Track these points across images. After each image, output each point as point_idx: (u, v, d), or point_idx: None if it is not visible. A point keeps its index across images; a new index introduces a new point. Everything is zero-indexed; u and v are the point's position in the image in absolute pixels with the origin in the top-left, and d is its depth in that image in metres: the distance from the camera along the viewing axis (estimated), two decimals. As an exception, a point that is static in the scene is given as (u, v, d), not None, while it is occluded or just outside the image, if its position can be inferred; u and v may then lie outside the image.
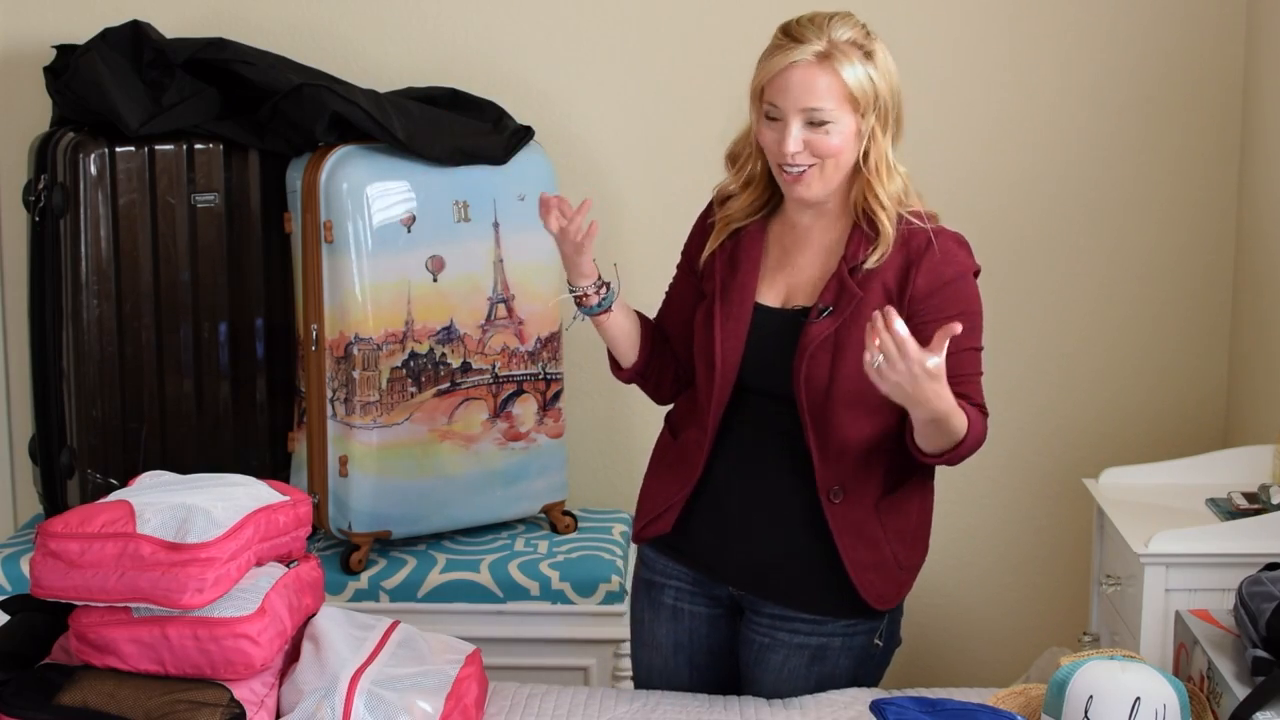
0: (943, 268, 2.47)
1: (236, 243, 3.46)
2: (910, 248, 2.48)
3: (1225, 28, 3.64)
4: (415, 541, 3.45)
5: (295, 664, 2.46)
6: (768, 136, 2.46)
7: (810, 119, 2.42)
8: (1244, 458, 3.25)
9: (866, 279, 2.48)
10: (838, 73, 2.42)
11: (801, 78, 2.42)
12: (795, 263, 2.55)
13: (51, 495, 3.44)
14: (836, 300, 2.48)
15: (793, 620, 2.60)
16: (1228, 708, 2.34)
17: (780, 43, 2.45)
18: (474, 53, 3.69)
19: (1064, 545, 3.78)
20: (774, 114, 2.44)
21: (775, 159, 2.47)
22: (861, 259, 2.48)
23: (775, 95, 2.43)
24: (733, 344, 2.54)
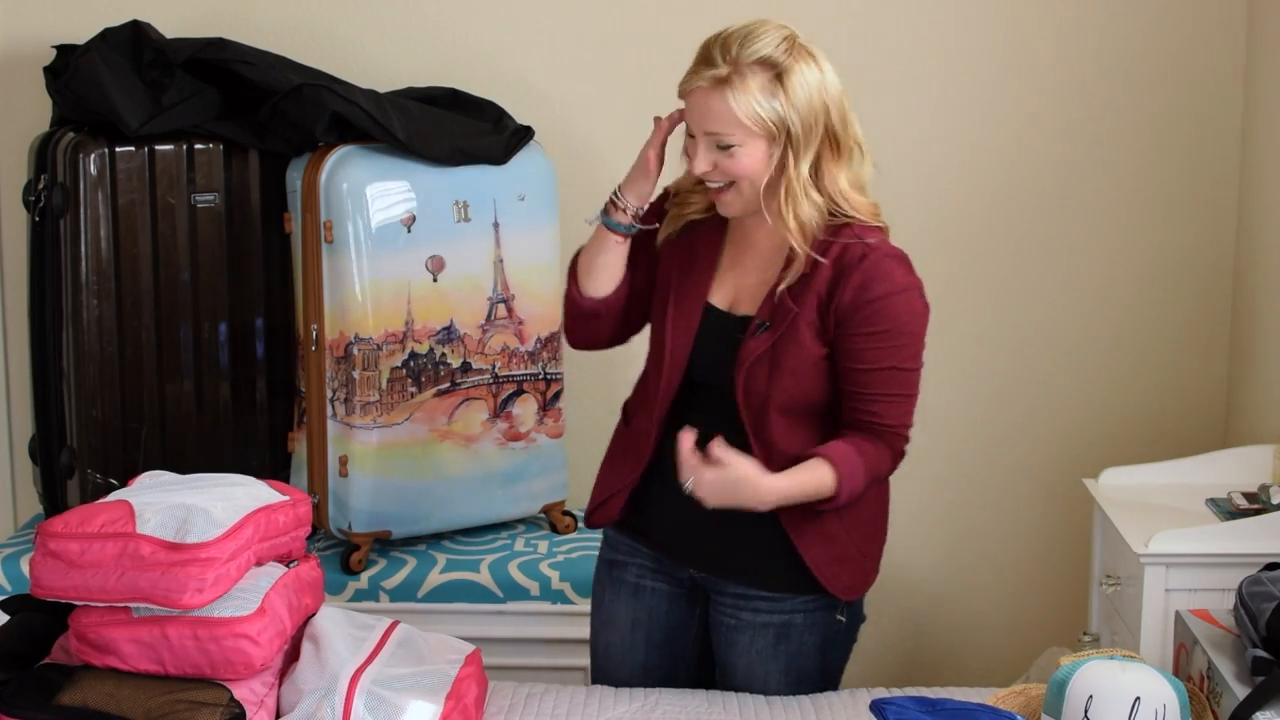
0: (871, 284, 2.45)
1: (236, 243, 3.46)
2: (843, 262, 2.47)
3: (1225, 28, 3.64)
4: (415, 541, 3.45)
5: (295, 664, 2.46)
6: (689, 156, 2.49)
7: (714, 142, 2.44)
8: (1244, 458, 3.25)
9: (801, 292, 2.48)
10: (734, 99, 2.40)
11: (700, 102, 2.43)
12: (745, 263, 2.57)
13: (51, 495, 3.44)
14: (773, 314, 2.49)
15: (754, 599, 2.63)
16: (1228, 708, 2.34)
17: (694, 66, 2.45)
18: (474, 53, 3.69)
19: (1064, 545, 3.78)
20: (692, 133, 2.48)
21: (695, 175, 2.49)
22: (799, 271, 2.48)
23: (689, 115, 2.47)
24: (682, 341, 2.57)
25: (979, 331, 3.79)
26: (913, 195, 3.73)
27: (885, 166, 3.69)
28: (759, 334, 2.49)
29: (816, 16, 3.67)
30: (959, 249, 3.76)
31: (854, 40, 3.69)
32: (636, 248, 2.64)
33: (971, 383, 3.81)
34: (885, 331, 2.45)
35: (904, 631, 3.93)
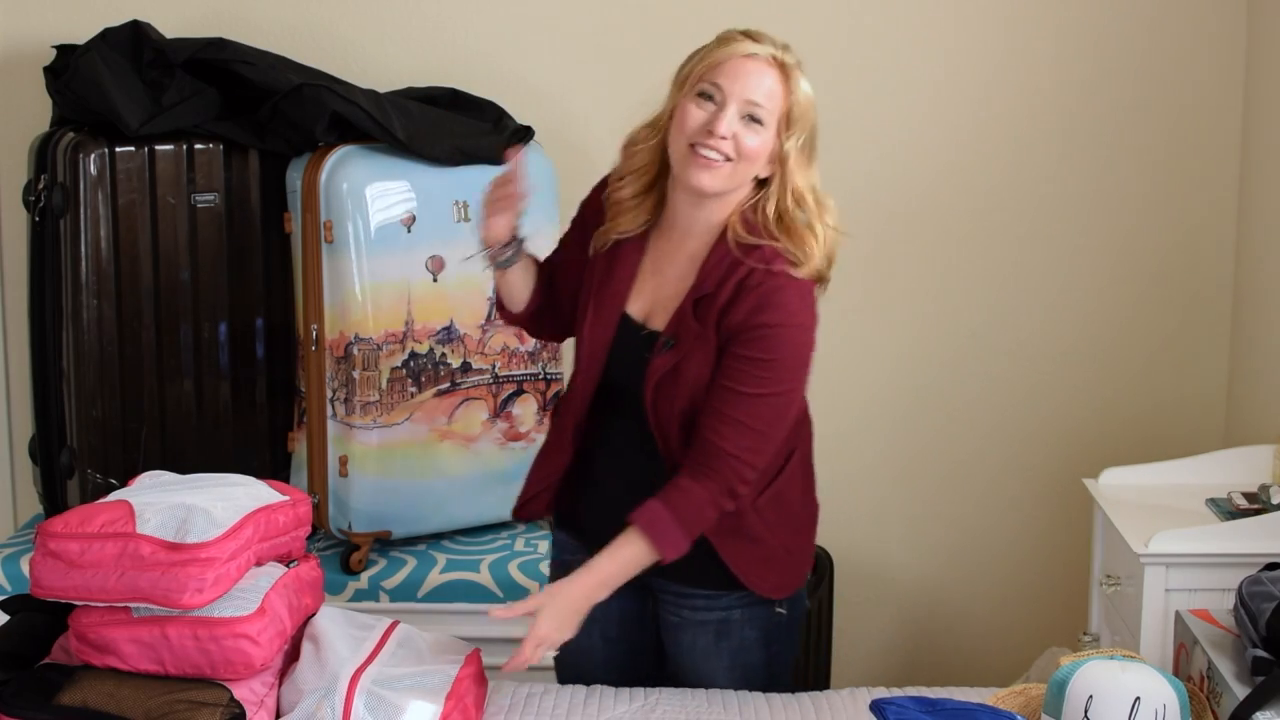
0: (762, 311, 2.43)
1: (236, 243, 3.46)
2: (745, 284, 2.44)
3: (1225, 28, 3.64)
4: (415, 541, 3.45)
5: (295, 664, 2.46)
6: (694, 115, 2.42)
7: (748, 112, 2.41)
8: (1244, 458, 3.24)
9: (706, 309, 2.46)
10: (790, 82, 2.42)
11: (756, 70, 2.41)
12: (664, 273, 2.55)
13: (51, 495, 3.44)
14: (678, 332, 2.48)
15: (692, 597, 2.64)
16: (1228, 708, 2.34)
17: (735, 36, 2.44)
18: (474, 53, 3.69)
19: (1064, 545, 3.78)
20: (712, 94, 2.41)
21: (693, 137, 2.41)
22: (708, 289, 2.45)
23: (724, 78, 2.41)
24: (599, 349, 2.56)
25: (979, 332, 3.79)
26: (912, 195, 3.74)
27: (883, 166, 3.72)
28: (664, 351, 2.49)
29: (816, 17, 3.69)
30: (958, 249, 3.76)
31: (853, 39, 3.69)
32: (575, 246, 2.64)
33: (971, 383, 3.81)
34: (764, 360, 2.43)
35: (904, 631, 3.93)
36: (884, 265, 3.76)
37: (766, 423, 2.46)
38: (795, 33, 3.65)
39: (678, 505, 2.44)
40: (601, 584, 2.47)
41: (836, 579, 3.76)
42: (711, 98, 2.42)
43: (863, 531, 3.86)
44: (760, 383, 2.43)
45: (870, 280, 3.76)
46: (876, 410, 3.83)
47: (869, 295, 3.77)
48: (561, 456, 2.65)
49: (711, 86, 2.41)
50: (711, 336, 2.45)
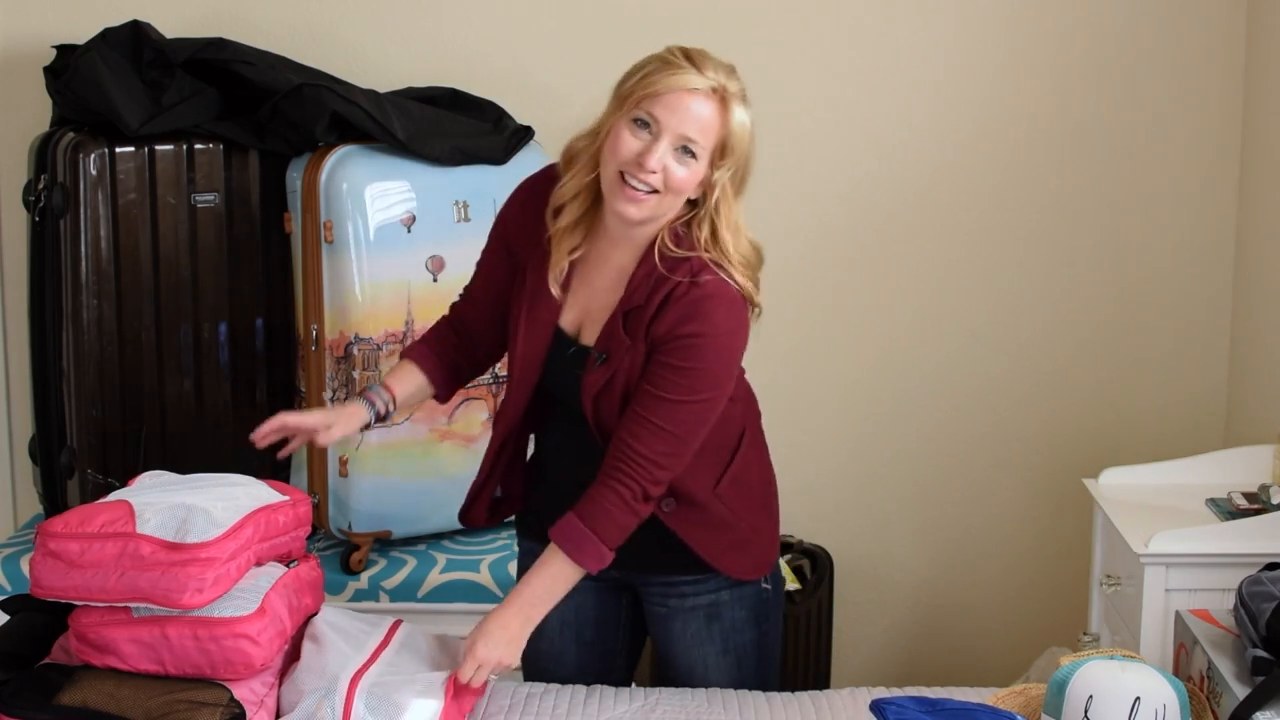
0: (688, 321, 2.42)
1: (236, 243, 3.46)
2: (672, 294, 2.43)
3: (1225, 28, 3.64)
4: (415, 541, 3.45)
5: (296, 664, 2.46)
6: (628, 143, 2.38)
7: (681, 145, 2.38)
8: (1244, 458, 3.24)
9: (635, 321, 2.45)
10: (727, 113, 2.39)
11: (695, 103, 2.37)
12: (593, 284, 2.53)
13: (51, 495, 3.44)
14: (609, 345, 2.48)
15: (678, 585, 2.65)
16: (1228, 708, 2.34)
17: (678, 62, 2.39)
18: (474, 53, 3.69)
19: (1064, 545, 3.78)
20: (648, 123, 2.38)
21: (624, 166, 2.39)
22: (637, 301, 2.45)
23: (661, 109, 2.37)
24: (532, 363, 2.56)
25: (979, 332, 3.79)
26: (911, 195, 3.73)
27: (883, 165, 3.72)
28: (598, 366, 2.49)
29: (815, 17, 3.69)
30: (958, 249, 3.76)
31: (853, 39, 3.69)
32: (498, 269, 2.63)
33: (971, 383, 3.81)
34: (686, 369, 2.42)
35: (904, 631, 3.93)
36: (883, 265, 3.76)
37: (686, 428, 2.45)
38: (795, 32, 3.68)
39: (592, 517, 2.44)
40: (532, 603, 2.48)
41: (836, 579, 3.76)
42: (647, 126, 2.39)
43: (863, 531, 3.86)
44: (681, 390, 2.42)
45: (870, 280, 3.76)
46: (876, 410, 3.83)
47: (868, 295, 3.77)
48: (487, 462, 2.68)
49: (648, 115, 2.38)
50: (641, 348, 2.45)
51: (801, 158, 3.69)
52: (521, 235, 2.58)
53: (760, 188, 2.59)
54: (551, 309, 2.53)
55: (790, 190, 3.68)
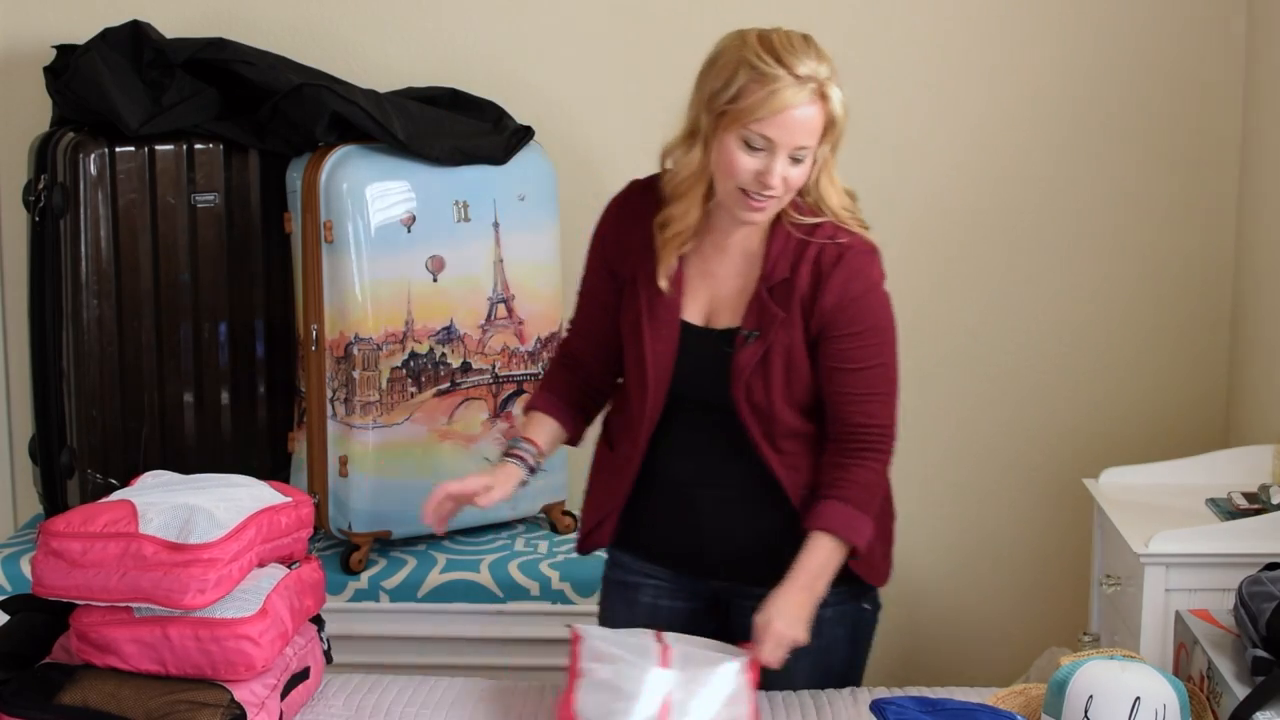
0: (850, 283, 2.47)
1: (236, 243, 3.46)
2: (822, 262, 2.47)
3: (1225, 28, 3.64)
4: (415, 541, 3.45)
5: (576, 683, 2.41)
6: (744, 163, 2.40)
7: (794, 154, 2.40)
8: (1244, 458, 3.25)
9: (784, 294, 2.48)
10: (827, 104, 2.41)
11: (803, 118, 2.38)
12: (715, 273, 2.54)
13: (51, 495, 3.44)
14: (760, 322, 2.49)
15: None
16: (1228, 708, 2.34)
17: (773, 72, 2.38)
18: (474, 53, 3.69)
19: (1064, 545, 3.78)
20: (758, 144, 2.39)
21: (745, 184, 2.41)
22: (782, 274, 2.48)
23: (770, 131, 2.38)
24: (663, 363, 2.54)
25: (978, 331, 3.79)
26: (911, 193, 3.73)
27: (883, 164, 3.72)
28: (749, 344, 2.49)
29: (813, 16, 3.69)
30: (958, 248, 3.76)
31: (851, 38, 3.68)
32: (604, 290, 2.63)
33: (971, 383, 3.81)
34: (869, 329, 2.48)
35: (904, 631, 3.92)
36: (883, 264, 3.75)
37: (888, 385, 2.52)
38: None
39: (855, 497, 2.49)
40: (815, 581, 2.48)
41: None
42: (759, 148, 2.39)
43: (862, 531, 3.86)
44: (869, 353, 2.49)
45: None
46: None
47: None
48: (624, 482, 2.64)
49: (760, 138, 2.38)
50: (798, 320, 2.47)
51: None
52: (622, 250, 2.59)
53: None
54: (672, 307, 2.53)
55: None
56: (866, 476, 2.50)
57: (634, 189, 2.63)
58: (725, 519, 2.59)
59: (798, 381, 2.50)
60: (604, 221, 2.66)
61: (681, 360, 2.54)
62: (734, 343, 2.50)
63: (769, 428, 2.52)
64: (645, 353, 2.55)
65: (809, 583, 2.47)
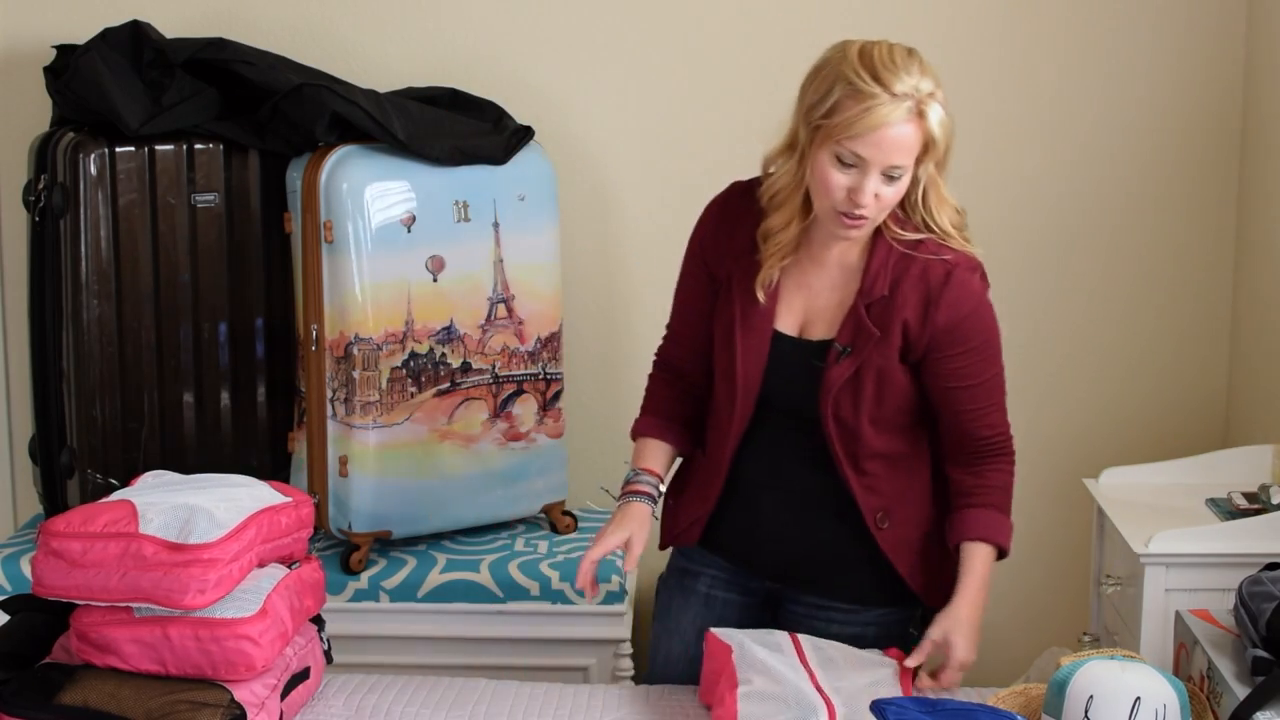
0: (960, 303, 2.47)
1: (236, 243, 3.46)
2: (929, 282, 2.46)
3: (1225, 28, 3.64)
4: (415, 541, 3.45)
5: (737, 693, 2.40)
6: (837, 181, 2.38)
7: (888, 172, 2.38)
8: (1244, 458, 3.25)
9: (883, 312, 2.47)
10: (925, 122, 2.38)
11: (897, 137, 2.36)
12: (812, 285, 2.53)
13: (51, 495, 3.44)
14: (854, 339, 2.48)
15: (830, 610, 2.62)
16: (1228, 708, 2.34)
17: (870, 90, 2.35)
18: (474, 53, 3.69)
19: (1064, 545, 3.78)
20: (850, 161, 2.37)
21: (839, 205, 2.40)
22: (880, 292, 2.47)
23: (863, 149, 2.35)
24: (754, 371, 2.53)
25: (979, 331, 3.78)
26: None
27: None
28: (841, 360, 2.48)
29: (813, 17, 3.69)
30: (959, 249, 3.75)
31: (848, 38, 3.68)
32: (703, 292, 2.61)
33: (971, 383, 3.81)
34: (981, 344, 2.50)
35: (904, 631, 3.92)
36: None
37: (1001, 393, 2.56)
38: (792, 32, 3.68)
39: (998, 502, 2.55)
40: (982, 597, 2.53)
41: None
42: (853, 165, 2.37)
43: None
44: (983, 366, 2.52)
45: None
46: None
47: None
48: (712, 489, 2.63)
49: (852, 155, 2.36)
50: (896, 340, 2.46)
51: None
52: (720, 252, 2.57)
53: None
54: (766, 316, 2.52)
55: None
56: (1003, 479, 2.55)
57: (734, 191, 2.61)
58: (786, 524, 2.59)
59: (889, 401, 2.50)
60: (703, 224, 2.63)
61: (772, 370, 2.53)
62: (825, 356, 2.49)
63: (853, 447, 2.51)
64: (736, 360, 2.53)
65: (978, 597, 2.51)
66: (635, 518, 2.60)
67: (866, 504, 2.54)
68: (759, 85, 3.69)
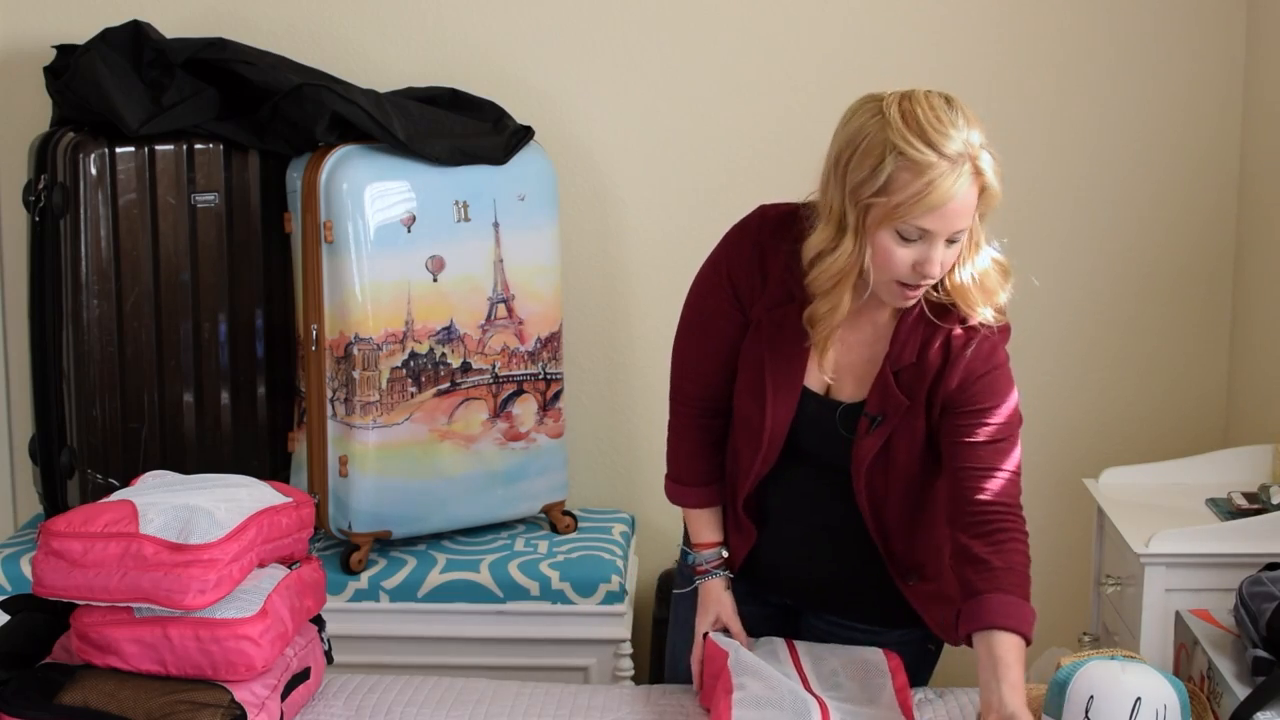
0: (974, 365, 2.36)
1: (236, 243, 3.46)
2: (952, 346, 2.37)
3: (1225, 28, 3.64)
4: (415, 541, 3.45)
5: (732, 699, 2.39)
6: (902, 257, 2.25)
7: (952, 237, 2.27)
8: (1244, 458, 3.25)
9: (911, 380, 2.38)
10: (985, 181, 2.28)
11: (962, 204, 2.24)
12: (845, 340, 2.41)
13: (51, 495, 3.44)
14: (883, 407, 2.40)
15: (849, 629, 2.60)
16: (1228, 708, 2.34)
17: (927, 160, 2.21)
18: (474, 53, 3.69)
19: (1064, 545, 3.78)
20: (913, 236, 2.24)
21: (902, 277, 2.28)
22: (909, 359, 2.38)
23: (931, 223, 2.22)
24: (781, 426, 2.45)
25: (979, 331, 3.79)
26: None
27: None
28: (873, 431, 2.40)
29: (813, 17, 3.69)
30: (959, 249, 3.76)
31: (848, 38, 3.69)
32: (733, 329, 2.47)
33: (971, 383, 3.81)
34: (992, 407, 2.37)
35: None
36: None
37: (1015, 462, 2.39)
38: (793, 32, 3.68)
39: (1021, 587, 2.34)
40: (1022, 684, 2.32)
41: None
42: (914, 239, 2.25)
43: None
44: (997, 429, 2.37)
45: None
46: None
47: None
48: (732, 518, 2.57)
49: (916, 231, 2.24)
50: (920, 410, 2.39)
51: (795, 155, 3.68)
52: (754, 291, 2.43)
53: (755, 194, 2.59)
54: (797, 373, 2.41)
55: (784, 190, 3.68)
56: (1019, 560, 2.35)
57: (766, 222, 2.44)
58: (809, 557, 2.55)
59: (911, 471, 2.44)
60: (732, 255, 2.46)
61: (800, 426, 2.46)
62: (854, 424, 2.42)
63: (882, 515, 2.46)
64: (766, 412, 2.44)
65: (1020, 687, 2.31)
66: (717, 599, 2.56)
67: (895, 567, 2.50)
68: (759, 85, 3.69)
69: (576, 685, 2.73)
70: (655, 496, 3.01)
